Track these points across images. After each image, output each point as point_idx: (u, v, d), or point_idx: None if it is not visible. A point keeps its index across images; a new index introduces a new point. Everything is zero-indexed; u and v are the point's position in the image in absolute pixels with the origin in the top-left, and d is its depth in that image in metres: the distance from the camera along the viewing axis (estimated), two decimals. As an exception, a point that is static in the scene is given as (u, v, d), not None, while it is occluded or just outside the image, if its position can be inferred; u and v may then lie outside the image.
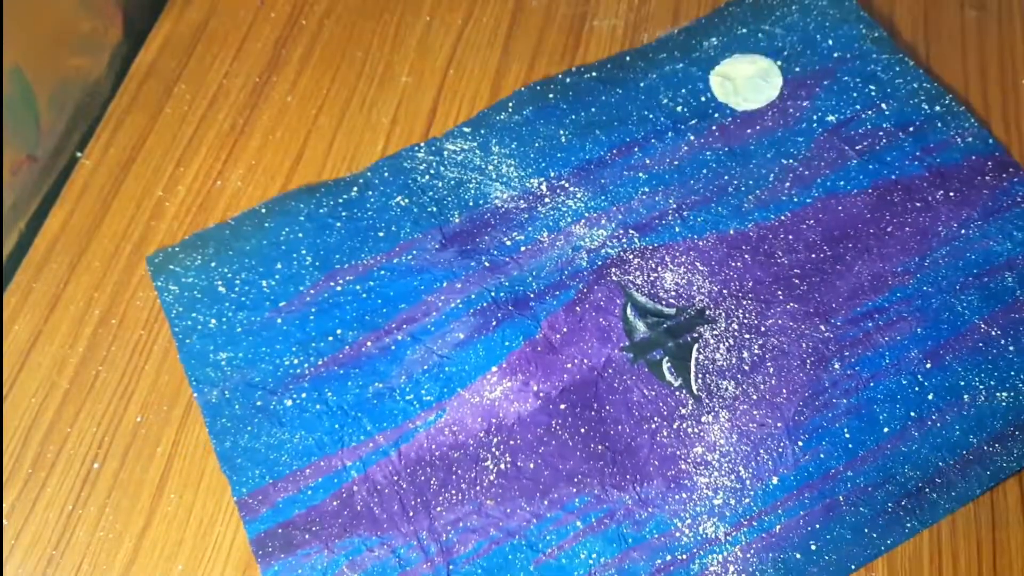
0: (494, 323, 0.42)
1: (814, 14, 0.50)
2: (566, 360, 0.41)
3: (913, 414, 0.39)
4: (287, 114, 0.51)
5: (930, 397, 0.40)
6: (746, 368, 0.41)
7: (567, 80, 0.50)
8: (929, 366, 0.40)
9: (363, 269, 0.44)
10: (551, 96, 0.49)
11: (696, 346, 0.41)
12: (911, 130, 0.46)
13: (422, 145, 0.48)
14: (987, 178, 0.45)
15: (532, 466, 0.39)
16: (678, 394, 0.40)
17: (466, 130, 0.48)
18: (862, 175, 0.45)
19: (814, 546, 0.37)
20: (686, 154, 0.46)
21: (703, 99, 0.48)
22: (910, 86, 0.48)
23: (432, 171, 0.47)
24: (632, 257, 0.44)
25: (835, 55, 0.49)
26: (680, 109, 0.48)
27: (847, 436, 0.39)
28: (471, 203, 0.46)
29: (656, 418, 0.40)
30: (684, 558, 0.37)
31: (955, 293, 0.42)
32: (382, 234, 0.45)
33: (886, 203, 0.44)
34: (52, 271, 0.46)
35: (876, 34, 0.49)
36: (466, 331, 0.42)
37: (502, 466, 0.39)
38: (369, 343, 0.42)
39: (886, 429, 0.39)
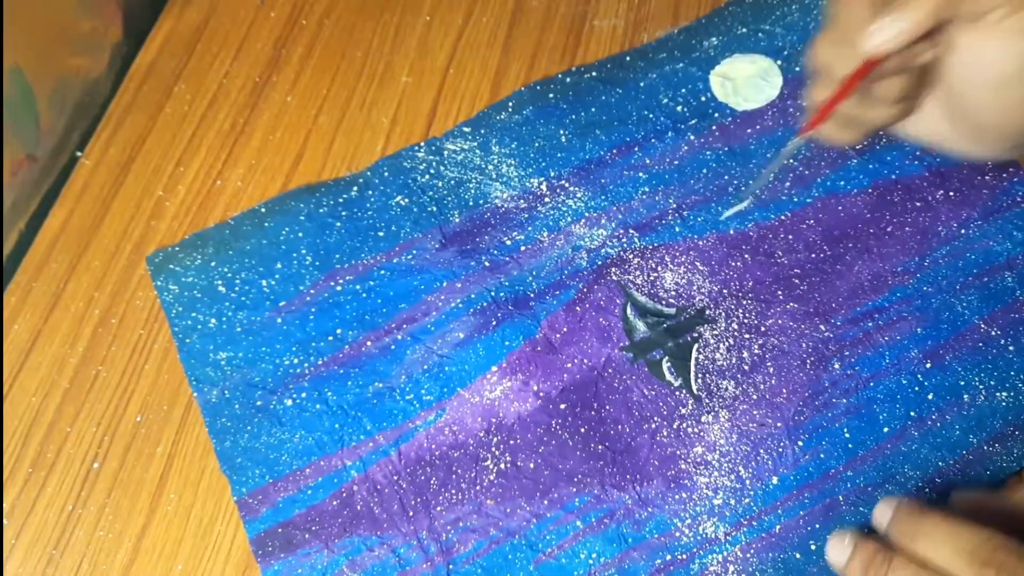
0: (494, 323, 0.42)
1: (814, 13, 0.50)
2: (566, 360, 0.41)
3: (913, 414, 0.39)
4: (287, 114, 0.51)
5: (930, 397, 0.40)
6: (746, 368, 0.41)
7: (567, 80, 0.50)
8: (929, 366, 0.40)
9: (363, 269, 0.44)
10: (551, 96, 0.49)
11: (696, 346, 0.41)
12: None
13: (422, 145, 0.48)
14: (987, 178, 0.44)
15: (532, 466, 0.39)
16: (678, 394, 0.40)
17: (466, 130, 0.48)
18: (862, 175, 0.45)
19: (814, 546, 0.37)
20: (686, 154, 0.46)
21: (703, 99, 0.48)
22: (910, 86, 0.48)
23: (432, 171, 0.47)
24: (632, 257, 0.44)
25: (835, 55, 0.49)
26: (680, 109, 0.48)
27: (847, 436, 0.39)
28: (471, 203, 0.46)
29: (656, 418, 0.40)
30: (684, 558, 0.37)
31: (955, 293, 0.42)
32: (382, 234, 0.45)
33: (886, 203, 0.44)
34: (52, 271, 0.46)
35: None
36: (466, 331, 0.42)
37: (502, 466, 0.39)
38: (369, 343, 0.42)
39: (886, 429, 0.39)
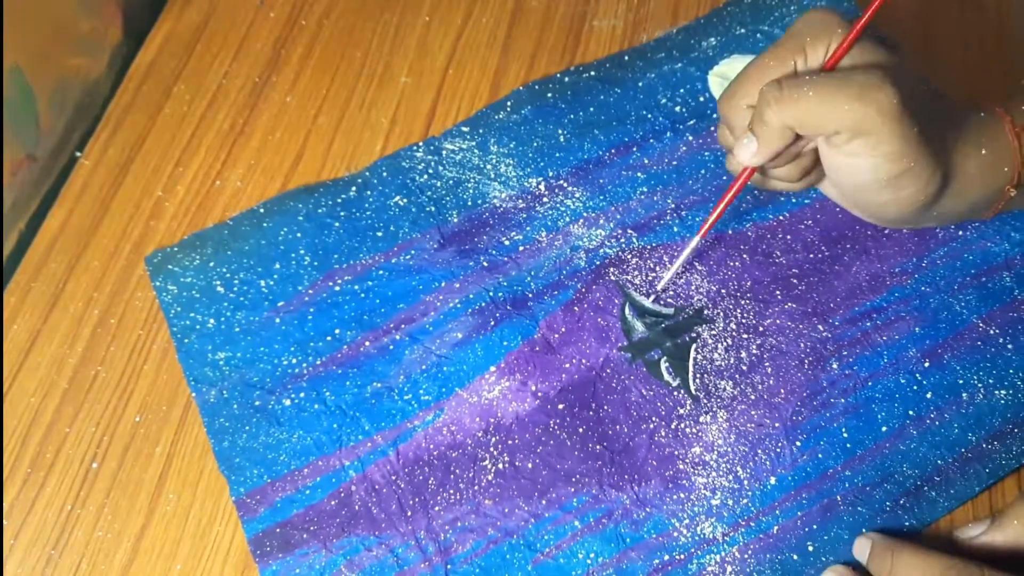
0: (492, 323, 0.42)
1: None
2: (564, 360, 0.41)
3: (911, 413, 0.39)
4: (286, 114, 0.51)
5: (928, 396, 0.40)
6: (744, 368, 0.41)
7: (566, 79, 0.50)
8: (927, 365, 0.40)
9: (361, 269, 0.44)
10: (550, 95, 0.49)
11: (694, 346, 0.41)
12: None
13: (420, 145, 0.48)
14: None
15: (530, 466, 0.39)
16: (676, 394, 0.40)
17: (464, 129, 0.48)
18: (861, 175, 0.45)
19: (811, 547, 0.37)
20: (684, 154, 0.46)
21: (701, 99, 0.48)
22: (909, 86, 0.48)
23: (431, 171, 0.47)
24: (630, 257, 0.44)
25: (834, 55, 0.49)
26: (679, 109, 0.48)
27: (845, 436, 0.39)
28: (469, 203, 0.46)
29: (654, 418, 0.40)
30: (682, 558, 0.37)
31: (953, 293, 0.42)
32: (380, 234, 0.45)
33: (885, 203, 0.44)
34: (51, 271, 0.46)
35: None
36: (464, 331, 0.42)
37: (500, 466, 0.39)
38: (367, 343, 0.42)
39: (884, 428, 0.39)
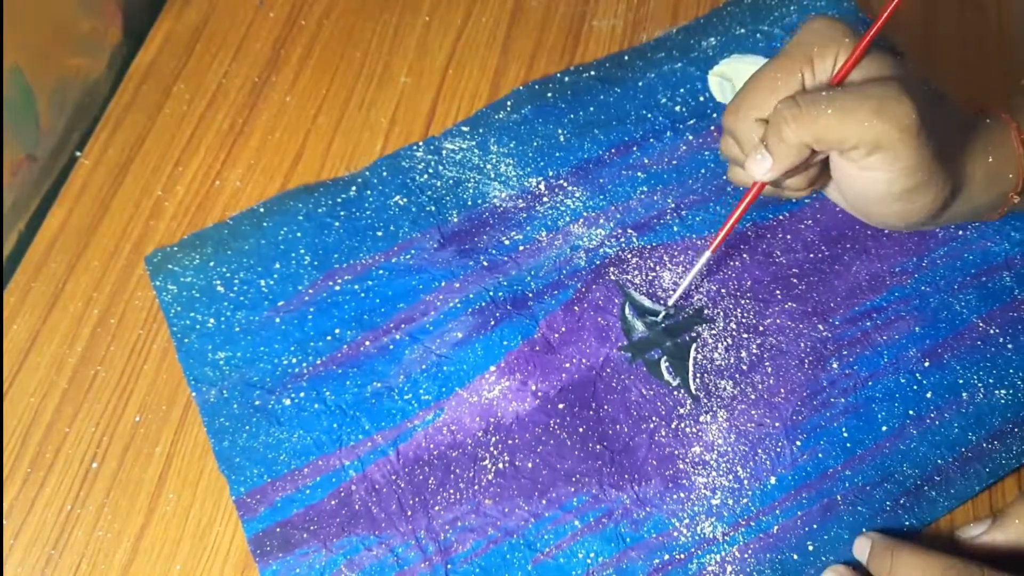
0: (492, 322, 0.42)
1: (812, 14, 0.50)
2: (564, 360, 0.41)
3: (912, 412, 0.39)
4: (286, 114, 0.51)
5: (929, 395, 0.40)
6: (744, 368, 0.41)
7: (566, 79, 0.50)
8: (927, 364, 0.40)
9: (361, 268, 0.44)
10: (550, 95, 0.49)
11: (694, 345, 0.41)
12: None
13: (420, 144, 0.48)
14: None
15: (530, 465, 0.39)
16: (676, 394, 0.40)
17: (464, 129, 0.48)
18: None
19: (811, 547, 0.37)
20: (684, 154, 0.46)
21: (701, 99, 0.48)
22: (909, 85, 0.48)
23: (431, 170, 0.47)
24: (630, 256, 0.44)
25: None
26: (679, 109, 0.48)
27: (845, 435, 0.39)
28: (469, 202, 0.46)
29: (654, 418, 0.40)
30: (682, 558, 0.37)
31: (953, 292, 0.42)
32: (380, 233, 0.45)
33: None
34: (51, 271, 0.46)
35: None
36: (464, 330, 0.42)
37: (500, 465, 0.39)
38: (367, 342, 0.42)
39: (884, 428, 0.39)
